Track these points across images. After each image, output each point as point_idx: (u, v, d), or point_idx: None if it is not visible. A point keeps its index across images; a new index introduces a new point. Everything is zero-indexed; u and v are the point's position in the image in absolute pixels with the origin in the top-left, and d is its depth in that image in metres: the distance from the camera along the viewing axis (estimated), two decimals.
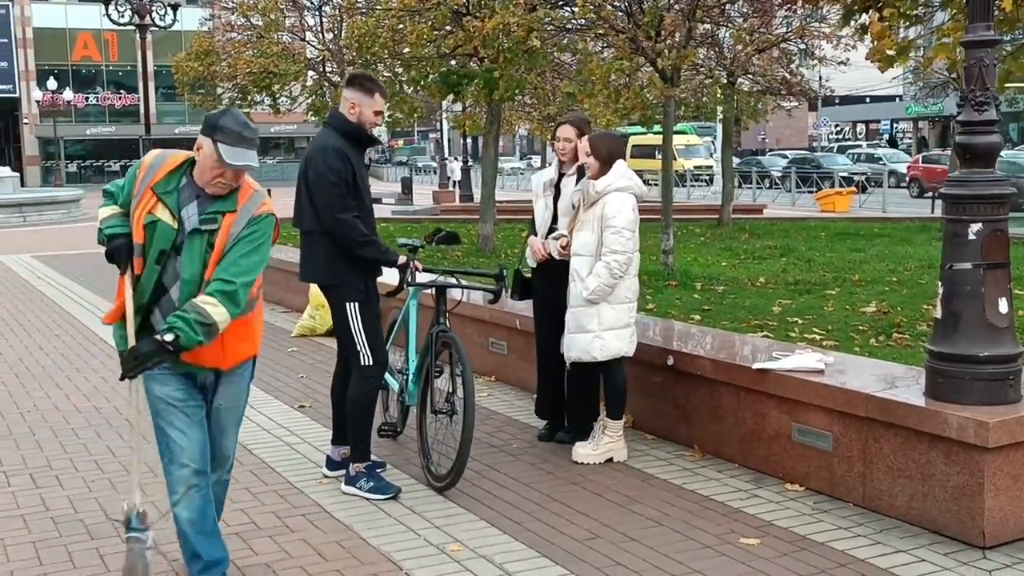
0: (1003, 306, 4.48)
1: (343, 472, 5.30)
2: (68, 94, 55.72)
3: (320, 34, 20.58)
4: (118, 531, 4.25)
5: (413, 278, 5.39)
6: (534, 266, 6.03)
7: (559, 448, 5.90)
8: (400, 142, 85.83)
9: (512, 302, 6.53)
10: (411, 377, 5.65)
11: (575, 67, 13.62)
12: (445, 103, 24.08)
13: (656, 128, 23.09)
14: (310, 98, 20.83)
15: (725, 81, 18.07)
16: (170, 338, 3.45)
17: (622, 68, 10.11)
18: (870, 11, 6.05)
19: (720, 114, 19.54)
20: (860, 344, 7.42)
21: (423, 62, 12.99)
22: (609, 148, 5.52)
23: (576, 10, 11.44)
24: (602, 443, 5.63)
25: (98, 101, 61.80)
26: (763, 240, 15.24)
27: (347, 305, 5.11)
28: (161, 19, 18.66)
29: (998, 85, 6.56)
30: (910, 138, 62.47)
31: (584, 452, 5.63)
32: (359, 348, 5.13)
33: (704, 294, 9.66)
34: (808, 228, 17.72)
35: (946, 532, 4.46)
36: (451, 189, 36.37)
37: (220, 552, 3.88)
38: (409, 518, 4.80)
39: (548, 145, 6.90)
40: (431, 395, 5.34)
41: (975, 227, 4.45)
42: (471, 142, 40.47)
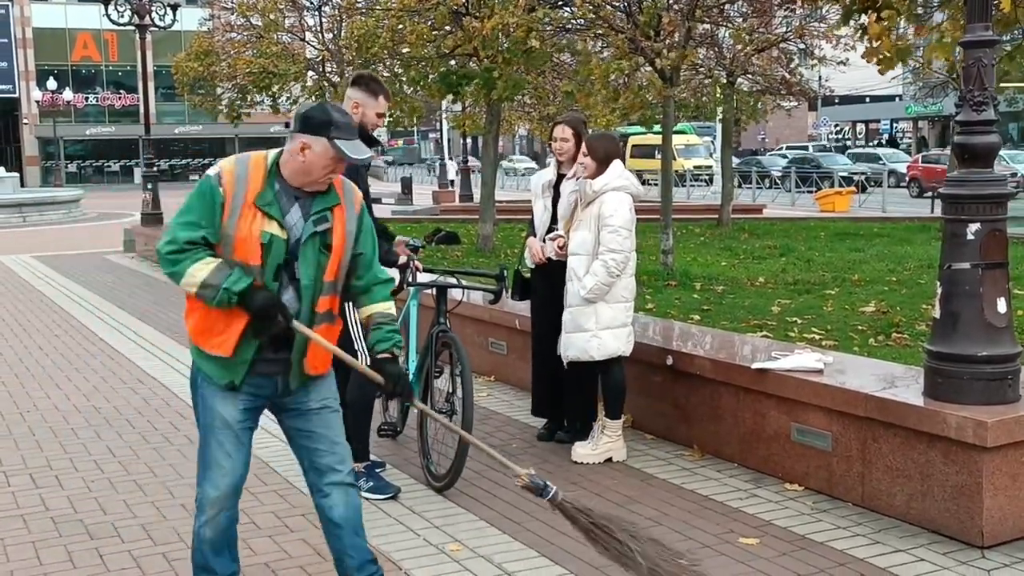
0: (1002, 306, 4.49)
1: None
2: (68, 94, 55.75)
3: (320, 34, 20.59)
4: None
5: (414, 278, 5.40)
6: (533, 267, 6.04)
7: (559, 448, 5.91)
8: (399, 142, 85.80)
9: (512, 302, 6.53)
10: (411, 377, 5.65)
11: (574, 67, 13.62)
12: (445, 103, 24.10)
13: (656, 128, 23.13)
14: (310, 98, 20.81)
15: (725, 81, 18.11)
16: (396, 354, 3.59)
17: (621, 68, 10.11)
18: (868, 11, 6.07)
19: (719, 114, 19.55)
20: (859, 344, 7.42)
21: (423, 62, 13.00)
22: (606, 148, 5.53)
23: (575, 10, 11.48)
24: (601, 443, 5.64)
25: (98, 101, 61.85)
26: (763, 240, 15.25)
27: (346, 305, 5.10)
28: (161, 19, 18.66)
29: (995, 85, 6.58)
30: (910, 138, 62.53)
31: (583, 452, 5.64)
32: (357, 348, 5.12)
33: (703, 294, 9.67)
34: (808, 228, 17.73)
35: (945, 532, 4.46)
36: (451, 189, 36.40)
37: (232, 567, 3.81)
38: (408, 518, 4.80)
39: (547, 145, 6.97)
40: (431, 395, 5.34)
41: (973, 227, 4.45)
42: (470, 142, 40.41)
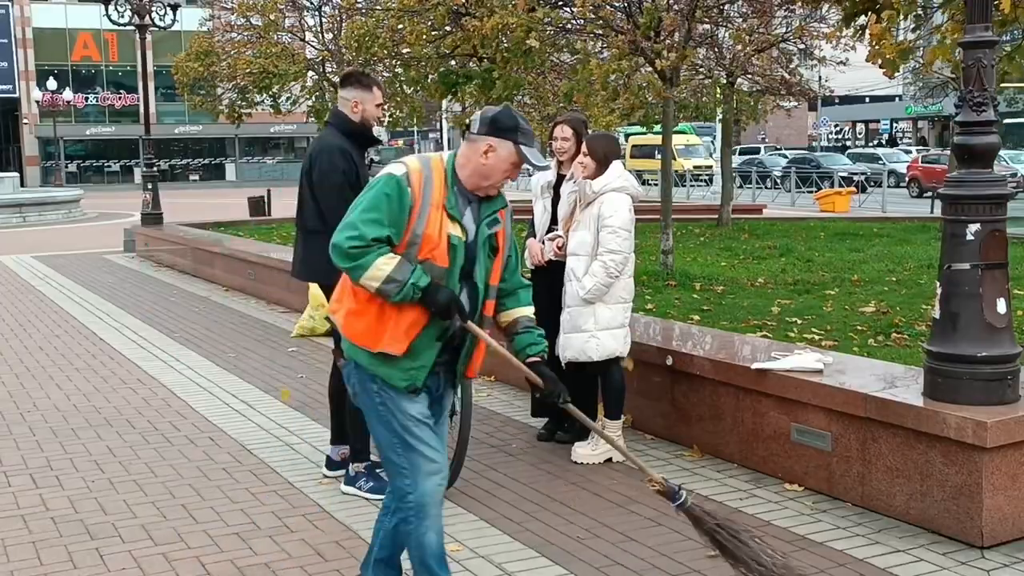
0: (1001, 306, 4.49)
1: (343, 472, 5.31)
2: (68, 94, 55.72)
3: (320, 34, 20.58)
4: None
5: None
6: (532, 268, 6.04)
7: (558, 448, 5.91)
8: (400, 142, 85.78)
9: None
10: None
11: (574, 67, 13.61)
12: (445, 103, 24.09)
13: (656, 128, 23.09)
14: (310, 99, 20.84)
15: (724, 81, 18.11)
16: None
17: (621, 69, 10.12)
18: (868, 13, 6.07)
19: (719, 114, 19.55)
20: (859, 344, 7.43)
21: (422, 62, 13.01)
22: (605, 149, 5.54)
23: (575, 10, 11.47)
24: (601, 443, 5.64)
25: (98, 101, 61.82)
26: (762, 240, 15.25)
27: None
28: (161, 19, 18.65)
29: (995, 86, 6.58)
30: (909, 138, 62.55)
31: (583, 452, 5.64)
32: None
33: (703, 294, 9.67)
34: (807, 228, 17.74)
35: (944, 532, 4.47)
36: None
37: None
38: None
39: (547, 146, 6.95)
40: None
41: (973, 227, 4.45)
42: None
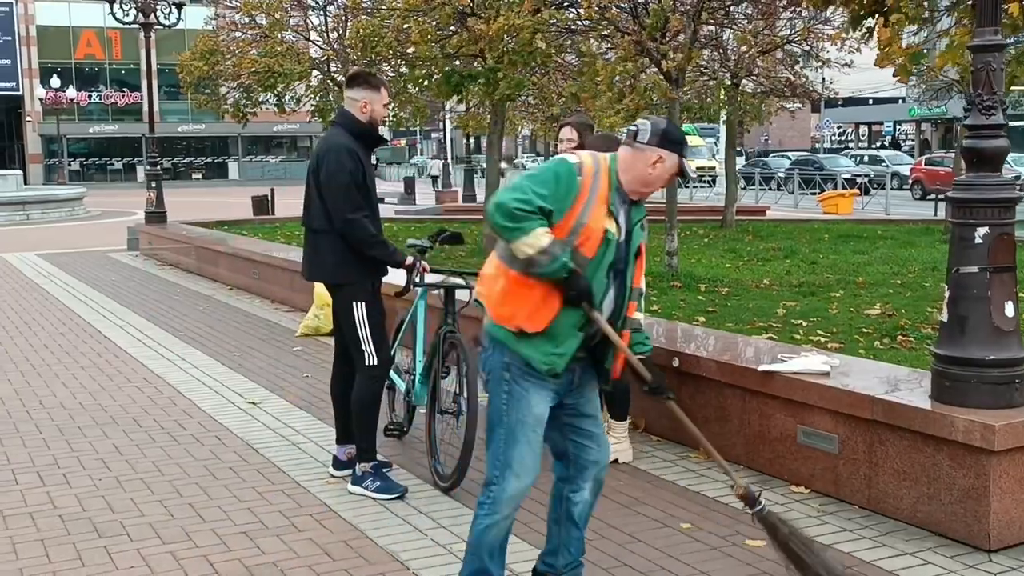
0: (1009, 310, 4.49)
1: (349, 472, 5.32)
2: (71, 92, 55.75)
3: (324, 34, 20.57)
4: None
5: (421, 279, 5.41)
6: None
7: None
8: (402, 141, 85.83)
9: None
10: (418, 377, 5.67)
11: (579, 68, 13.61)
12: (449, 103, 24.08)
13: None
14: (315, 98, 20.83)
15: (729, 83, 18.11)
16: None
17: (627, 70, 10.13)
18: (876, 16, 6.06)
19: (723, 116, 19.55)
20: (865, 347, 7.43)
21: (427, 62, 13.01)
22: (607, 150, 5.50)
23: (581, 11, 11.47)
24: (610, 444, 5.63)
25: (101, 99, 61.90)
26: (767, 242, 15.24)
27: (355, 305, 5.13)
28: (166, 18, 18.66)
29: (1005, 89, 6.58)
30: (912, 140, 62.49)
31: None
32: (364, 348, 5.14)
33: (708, 296, 9.68)
34: (811, 230, 17.73)
35: (952, 535, 4.47)
36: (445, 189, 36.47)
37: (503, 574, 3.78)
38: (415, 518, 4.81)
39: (551, 146, 6.84)
40: (438, 395, 5.35)
41: (982, 231, 4.46)
42: (472, 142, 40.35)
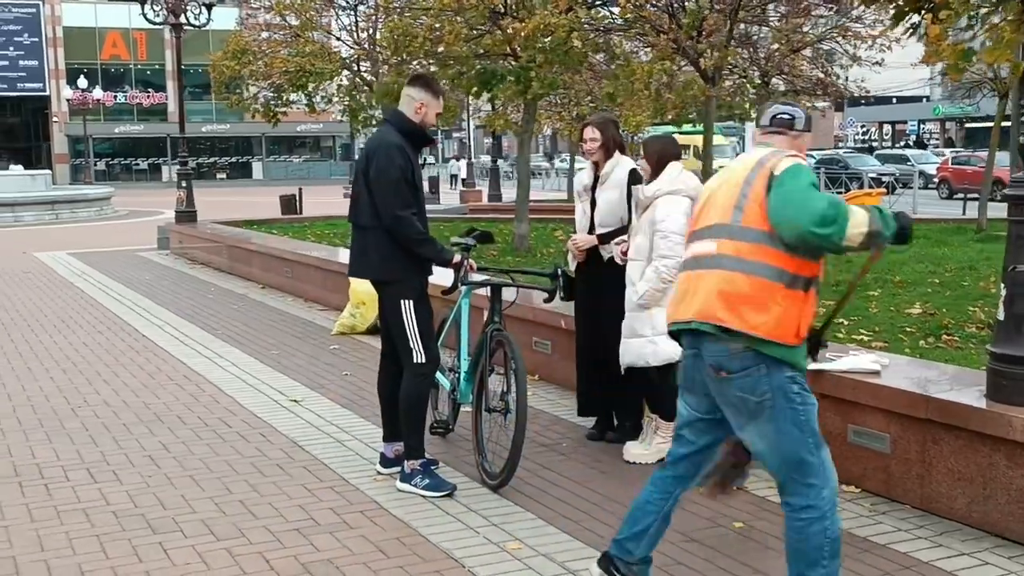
0: None
1: (397, 469, 5.33)
2: (98, 92, 56.13)
3: (355, 33, 20.63)
4: None
5: (467, 277, 5.41)
6: (574, 266, 6.04)
7: (609, 448, 5.90)
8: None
9: (557, 301, 6.52)
10: (463, 376, 5.67)
11: (612, 68, 13.57)
12: (472, 103, 24.03)
13: (686, 128, 23.01)
14: (346, 98, 20.88)
15: (759, 81, 18.00)
16: None
17: (665, 69, 10.10)
18: (923, 12, 6.01)
19: (753, 115, 19.41)
20: (910, 346, 7.37)
21: (458, 61, 13.02)
22: (659, 151, 5.51)
23: (617, 10, 11.44)
24: (654, 443, 5.63)
25: (126, 100, 62.30)
26: None
27: (402, 303, 5.14)
28: (196, 18, 18.75)
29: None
30: (937, 139, 62.08)
31: (637, 452, 5.64)
32: (412, 346, 5.14)
33: None
34: None
35: (1008, 535, 4.43)
36: (463, 188, 36.46)
37: None
38: (467, 516, 4.81)
39: (579, 147, 6.87)
40: (485, 393, 5.35)
41: None
42: (491, 142, 40.22)
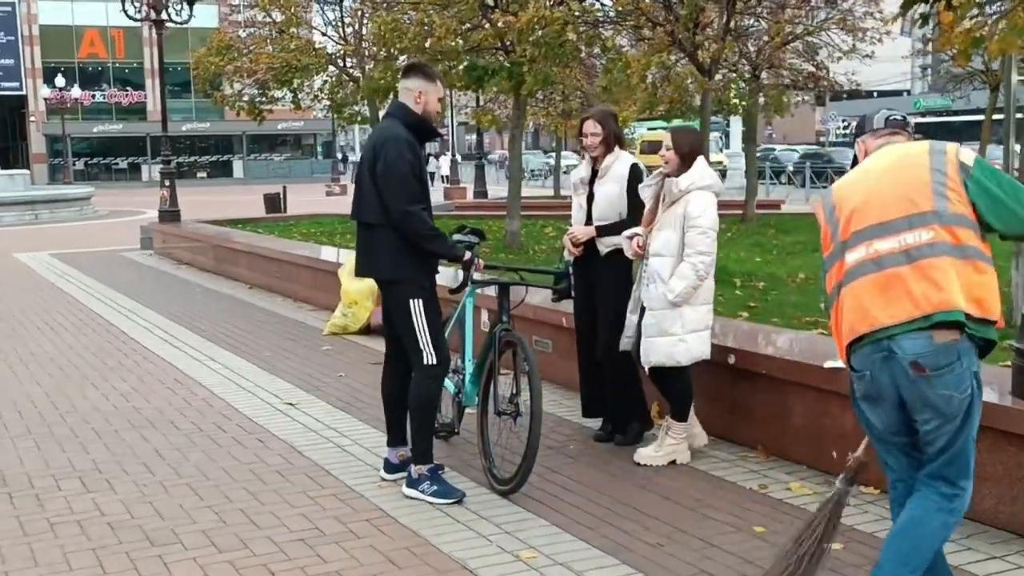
0: None
1: (402, 475, 5.15)
2: (75, 91, 55.58)
3: (340, 28, 20.41)
4: None
5: (471, 276, 5.24)
6: (570, 261, 5.88)
7: (618, 450, 5.75)
8: None
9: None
10: (469, 377, 5.50)
11: (604, 63, 13.42)
12: (456, 99, 23.83)
13: (675, 122, 22.87)
14: (331, 93, 20.65)
15: (748, 75, 17.87)
16: None
17: (662, 62, 9.95)
18: (932, 1, 5.87)
19: (741, 109, 19.33)
20: None
21: (448, 55, 12.84)
22: (691, 143, 5.36)
23: (609, 2, 11.28)
24: (665, 444, 5.48)
25: (105, 98, 61.74)
26: (790, 236, 15.05)
27: (411, 302, 4.95)
28: (177, 14, 18.47)
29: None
30: (920, 134, 62.17)
31: (647, 454, 5.48)
32: (422, 347, 4.96)
33: (745, 291, 9.49)
34: None
35: None
36: (447, 185, 36.30)
37: None
38: (477, 523, 4.64)
39: (578, 141, 6.69)
40: (494, 396, 5.17)
41: None
42: (476, 138, 39.99)
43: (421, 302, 4.92)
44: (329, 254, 12.36)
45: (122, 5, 18.54)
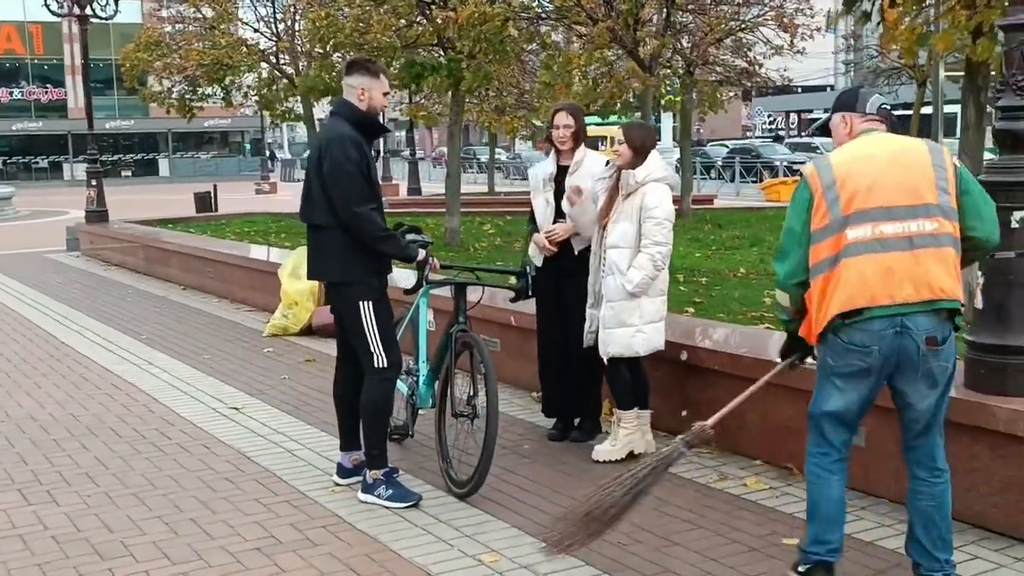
0: None
1: (356, 479, 5.07)
2: None
3: (272, 25, 20.09)
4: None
5: (429, 275, 5.17)
6: (539, 264, 5.83)
7: (573, 448, 5.73)
8: None
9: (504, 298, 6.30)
10: (423, 379, 5.42)
11: (542, 59, 13.37)
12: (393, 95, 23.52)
13: (612, 119, 22.97)
14: (263, 91, 20.32)
15: (683, 71, 17.98)
16: None
17: (604, 58, 9.94)
18: None
19: (678, 105, 19.44)
20: None
21: (384, 51, 12.69)
22: (642, 137, 5.36)
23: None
24: (620, 437, 5.47)
25: (23, 96, 60.09)
26: (727, 230, 15.18)
27: (361, 304, 4.86)
28: (103, 9, 17.97)
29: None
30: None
31: (605, 450, 5.47)
32: (372, 349, 4.87)
33: (689, 286, 9.54)
34: (767, 218, 17.68)
35: (992, 527, 4.37)
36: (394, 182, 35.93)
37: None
38: (436, 527, 4.57)
39: (546, 135, 6.57)
40: (451, 398, 5.10)
41: (1019, 215, 4.35)
42: (407, 135, 39.73)
43: (371, 304, 4.83)
44: (266, 254, 12.16)
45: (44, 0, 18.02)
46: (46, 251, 18.18)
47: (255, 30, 20.54)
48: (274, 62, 19.85)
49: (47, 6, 18.21)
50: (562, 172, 5.78)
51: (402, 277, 5.25)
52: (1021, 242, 4.35)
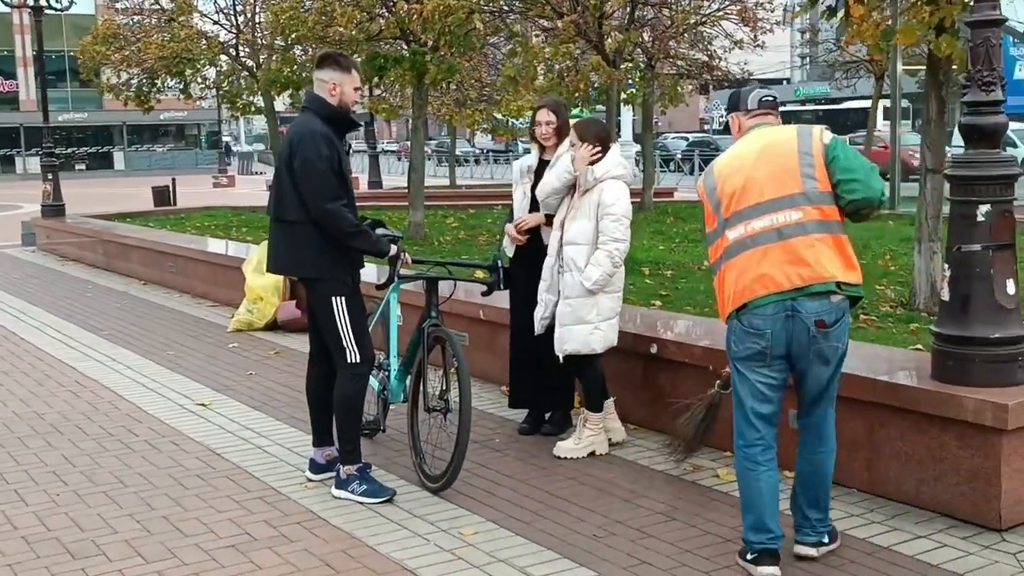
0: (1011, 287, 4.48)
1: (329, 475, 5.05)
2: None
3: (232, 17, 19.88)
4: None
5: (401, 270, 5.15)
6: (511, 255, 5.85)
7: (544, 441, 5.74)
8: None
9: (474, 291, 6.30)
10: (394, 374, 5.41)
11: (507, 53, 13.37)
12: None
13: (574, 112, 22.99)
14: (224, 83, 20.12)
15: (644, 65, 18.05)
16: None
17: (569, 52, 9.96)
18: None
19: (639, 98, 19.50)
20: None
21: (349, 44, 12.61)
22: (596, 133, 5.38)
23: None
24: (584, 437, 5.49)
25: None
26: (689, 223, 15.26)
27: (333, 300, 4.84)
28: (58, 1, 17.70)
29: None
30: (809, 119, 63.96)
31: (567, 447, 5.48)
32: (345, 345, 4.86)
33: (655, 279, 9.59)
34: None
35: (958, 515, 4.44)
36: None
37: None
38: (411, 522, 4.57)
39: (529, 131, 6.48)
40: (423, 392, 5.09)
41: (984, 208, 4.43)
42: (367, 128, 39.49)
43: (344, 300, 4.81)
44: (229, 248, 12.06)
45: None
46: (1, 246, 17.89)
47: (215, 22, 20.33)
48: (234, 55, 19.66)
49: None
50: (543, 165, 5.80)
51: (373, 273, 5.23)
52: (986, 235, 4.43)
